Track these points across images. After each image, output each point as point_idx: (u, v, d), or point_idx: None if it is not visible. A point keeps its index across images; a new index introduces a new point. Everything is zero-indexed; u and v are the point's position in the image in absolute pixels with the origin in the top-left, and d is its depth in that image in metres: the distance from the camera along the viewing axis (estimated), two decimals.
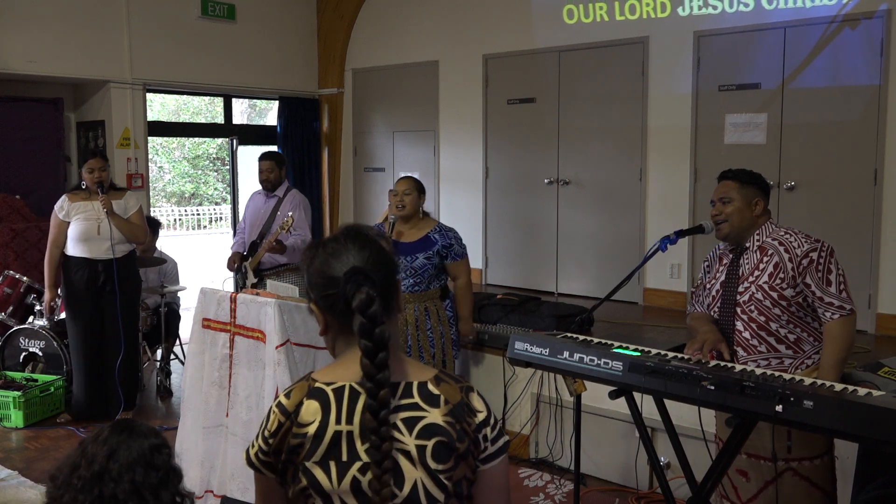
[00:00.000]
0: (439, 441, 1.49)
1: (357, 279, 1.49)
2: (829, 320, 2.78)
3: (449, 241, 4.23)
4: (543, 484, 4.28)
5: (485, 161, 7.26)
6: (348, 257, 1.53)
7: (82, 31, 6.71)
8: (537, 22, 6.73)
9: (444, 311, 4.29)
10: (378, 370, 1.46)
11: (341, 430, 1.49)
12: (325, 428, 1.50)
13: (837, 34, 5.28)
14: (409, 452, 1.48)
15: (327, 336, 1.62)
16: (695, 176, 5.98)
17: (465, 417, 1.53)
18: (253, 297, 3.57)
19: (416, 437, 1.49)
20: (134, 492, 1.65)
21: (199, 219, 17.69)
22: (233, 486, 3.54)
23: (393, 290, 1.57)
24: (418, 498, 1.48)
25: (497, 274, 7.22)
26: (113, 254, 4.99)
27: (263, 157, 5.52)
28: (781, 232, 2.87)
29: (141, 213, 5.18)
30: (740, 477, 2.89)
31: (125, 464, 1.66)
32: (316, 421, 1.50)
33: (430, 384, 1.54)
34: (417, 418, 1.50)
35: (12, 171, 6.61)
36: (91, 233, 4.98)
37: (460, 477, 1.52)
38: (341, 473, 1.49)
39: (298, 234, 5.24)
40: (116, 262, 5.02)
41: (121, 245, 5.04)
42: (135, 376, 5.34)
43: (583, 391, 3.35)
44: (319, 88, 8.46)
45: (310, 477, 1.50)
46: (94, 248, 4.99)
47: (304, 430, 1.50)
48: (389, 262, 1.57)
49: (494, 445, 1.56)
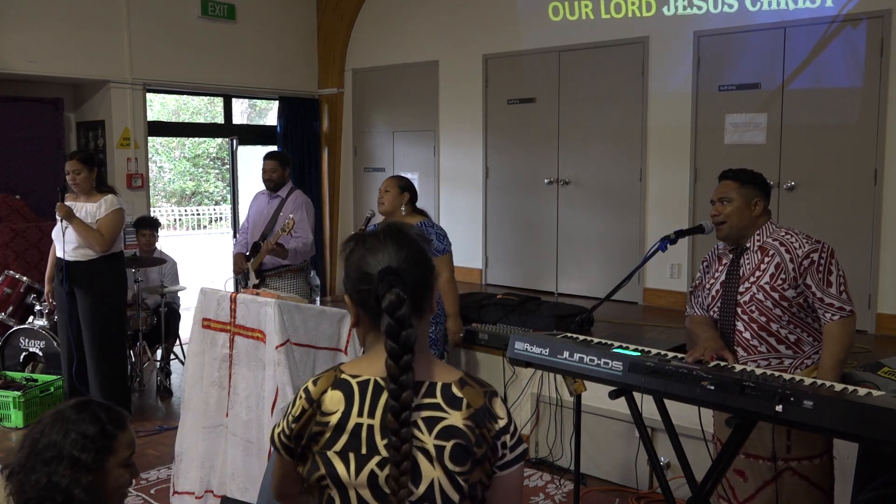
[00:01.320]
0: (458, 443, 1.50)
1: (389, 279, 1.50)
2: (830, 321, 2.77)
3: (429, 237, 4.24)
4: (543, 484, 4.28)
5: (485, 161, 7.26)
6: (384, 255, 1.54)
7: (82, 31, 6.71)
8: (530, 21, 6.73)
9: None
10: (402, 372, 1.47)
11: (362, 423, 1.51)
12: (347, 419, 1.52)
13: (838, 34, 5.28)
14: (428, 451, 1.49)
15: (358, 329, 1.64)
16: (695, 176, 5.98)
17: (486, 423, 1.53)
18: (253, 297, 3.57)
19: (435, 437, 1.50)
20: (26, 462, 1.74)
21: (199, 219, 17.68)
22: (233, 486, 3.54)
23: (427, 291, 1.58)
24: (434, 496, 1.49)
25: (497, 274, 7.22)
26: (74, 256, 4.89)
27: (267, 156, 5.50)
28: (782, 232, 2.87)
29: (113, 217, 4.94)
30: (737, 477, 2.89)
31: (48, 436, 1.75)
32: (339, 411, 1.52)
33: (454, 386, 1.55)
34: (438, 419, 1.51)
35: (12, 171, 6.61)
36: (57, 234, 4.94)
37: (476, 480, 1.52)
38: (360, 466, 1.50)
39: (299, 237, 5.22)
40: (75, 266, 4.90)
41: (77, 249, 4.90)
42: (116, 385, 5.09)
43: (583, 391, 3.34)
44: (319, 88, 8.46)
45: (329, 467, 1.52)
46: (61, 248, 4.95)
47: (326, 419, 1.52)
48: (425, 262, 1.58)
49: (513, 453, 1.56)
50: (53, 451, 1.73)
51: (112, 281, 5.07)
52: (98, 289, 4.96)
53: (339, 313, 3.64)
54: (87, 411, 1.80)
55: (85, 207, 4.93)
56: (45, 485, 1.71)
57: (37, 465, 1.72)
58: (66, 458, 1.73)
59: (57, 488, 1.71)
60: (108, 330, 5.03)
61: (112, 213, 4.93)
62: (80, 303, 4.94)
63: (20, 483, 1.72)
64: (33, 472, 1.71)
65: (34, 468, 1.71)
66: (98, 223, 4.89)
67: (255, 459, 3.46)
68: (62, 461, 1.72)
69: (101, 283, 4.98)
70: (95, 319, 4.95)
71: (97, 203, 4.93)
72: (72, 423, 1.77)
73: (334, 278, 8.46)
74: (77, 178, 4.90)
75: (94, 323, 4.95)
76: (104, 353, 5.00)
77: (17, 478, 1.73)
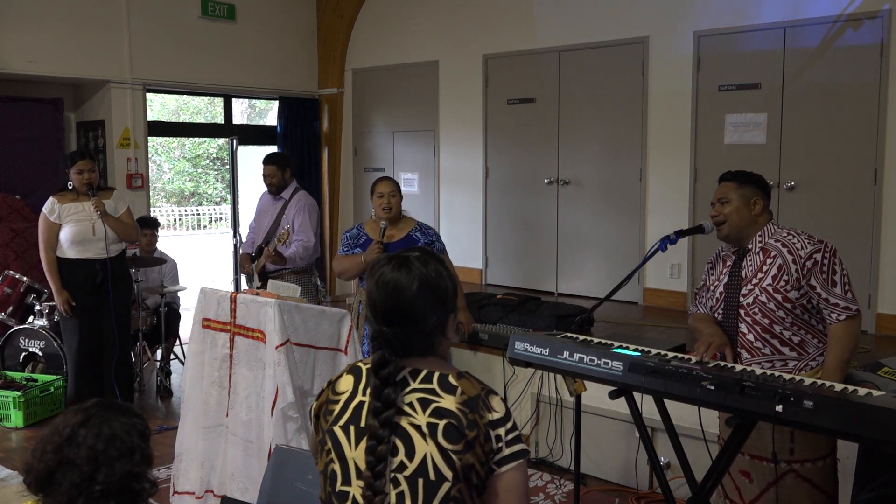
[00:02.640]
0: (450, 423, 1.58)
1: (377, 342, 1.65)
2: (835, 321, 2.75)
3: (430, 238, 4.25)
4: (543, 484, 4.28)
5: (485, 161, 7.26)
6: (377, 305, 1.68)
7: (82, 31, 6.71)
8: (545, 18, 6.73)
9: None
10: (382, 425, 1.59)
11: (364, 401, 1.64)
12: (353, 397, 1.67)
13: (838, 35, 5.28)
14: (421, 427, 1.59)
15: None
16: (695, 176, 5.98)
17: (479, 410, 1.61)
18: (253, 297, 3.57)
19: (428, 416, 1.59)
20: (91, 459, 1.66)
21: (199, 219, 17.68)
22: (233, 486, 3.54)
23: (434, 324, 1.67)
24: (427, 471, 1.57)
25: (497, 274, 7.22)
26: (107, 253, 5.04)
27: (265, 161, 5.48)
28: (784, 233, 2.85)
29: (130, 212, 5.21)
30: (743, 478, 2.89)
31: (92, 435, 1.68)
32: (348, 391, 1.69)
33: (451, 377, 1.65)
34: (431, 400, 1.61)
35: (12, 171, 6.61)
36: (86, 234, 4.98)
37: (469, 464, 1.57)
38: (358, 438, 1.62)
39: (300, 239, 5.21)
40: (111, 262, 5.06)
41: (114, 245, 5.09)
42: (130, 375, 5.36)
43: (583, 391, 3.34)
44: (319, 88, 8.46)
45: (333, 439, 1.65)
46: (90, 248, 5.00)
47: (337, 397, 1.69)
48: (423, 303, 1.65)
49: (509, 448, 1.60)
50: (120, 445, 1.69)
51: (129, 273, 5.39)
52: (127, 282, 5.28)
53: (339, 313, 3.64)
54: (119, 408, 1.77)
55: (104, 205, 5.02)
56: (120, 477, 1.67)
57: (104, 460, 1.67)
58: (137, 449, 1.72)
59: (136, 478, 1.70)
60: (130, 320, 5.36)
61: (129, 208, 5.23)
62: (114, 297, 5.09)
63: (81, 479, 1.65)
64: (102, 469, 1.66)
65: (102, 464, 1.66)
66: (122, 217, 5.13)
67: (255, 459, 3.46)
68: (134, 453, 1.70)
69: (127, 276, 5.32)
70: (126, 310, 5.27)
71: (110, 200, 5.13)
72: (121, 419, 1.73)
73: (335, 279, 8.46)
74: (91, 177, 5.03)
75: (125, 314, 5.23)
76: (128, 345, 5.32)
77: (71, 477, 1.66)
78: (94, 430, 1.68)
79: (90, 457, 1.66)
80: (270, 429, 3.38)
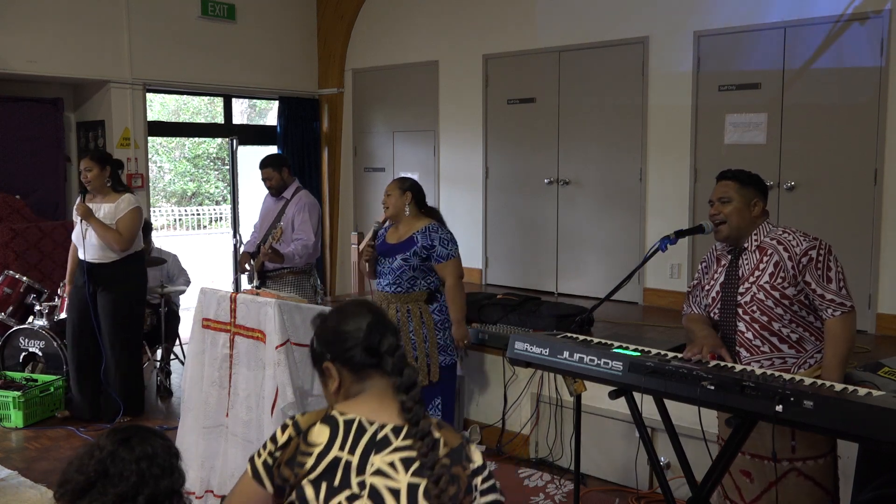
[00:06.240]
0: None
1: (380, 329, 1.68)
2: (830, 318, 2.77)
3: (430, 241, 4.18)
4: (543, 484, 4.28)
5: (485, 161, 7.26)
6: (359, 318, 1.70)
7: (82, 31, 6.71)
8: (547, 17, 6.73)
9: (429, 315, 4.22)
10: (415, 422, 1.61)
11: (341, 458, 1.58)
12: (328, 451, 1.59)
13: (839, 35, 5.28)
14: (399, 492, 1.55)
15: (337, 393, 1.72)
16: (695, 176, 5.98)
17: (462, 462, 1.61)
18: (253, 297, 3.57)
19: (410, 476, 1.56)
20: (139, 474, 1.69)
21: (200, 219, 17.69)
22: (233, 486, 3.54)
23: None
24: None
25: (497, 274, 7.22)
26: (86, 257, 4.99)
27: (261, 164, 5.46)
28: (779, 231, 2.87)
29: (132, 216, 5.03)
30: (744, 478, 2.89)
31: (138, 453, 1.71)
32: (322, 444, 1.61)
33: (431, 428, 1.62)
34: (414, 458, 1.58)
35: (12, 171, 6.61)
36: (78, 236, 5.02)
37: None
38: (329, 496, 1.56)
39: (300, 239, 5.21)
40: (101, 267, 5.00)
41: (103, 250, 5.00)
42: (132, 381, 5.25)
43: (583, 391, 3.34)
44: (319, 88, 8.46)
45: (300, 493, 1.58)
46: (83, 250, 5.02)
47: (310, 448, 1.60)
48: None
49: (483, 498, 1.62)
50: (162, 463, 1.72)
51: (133, 281, 5.20)
52: (120, 289, 5.08)
53: None
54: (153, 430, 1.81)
55: (103, 207, 5.02)
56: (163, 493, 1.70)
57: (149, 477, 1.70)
58: (176, 469, 1.75)
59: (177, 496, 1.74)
60: (128, 329, 5.18)
61: (130, 212, 5.03)
62: (102, 303, 5.02)
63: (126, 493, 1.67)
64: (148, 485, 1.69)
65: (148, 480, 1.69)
66: (117, 223, 4.99)
67: None
68: (174, 472, 1.74)
69: (122, 284, 5.10)
70: (117, 319, 5.08)
71: (114, 203, 5.04)
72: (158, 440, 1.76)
73: (335, 279, 8.47)
74: (88, 176, 5.00)
75: (115, 323, 5.07)
76: (124, 353, 5.16)
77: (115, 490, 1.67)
78: (137, 448, 1.71)
79: (137, 471, 1.69)
80: (270, 429, 3.37)
